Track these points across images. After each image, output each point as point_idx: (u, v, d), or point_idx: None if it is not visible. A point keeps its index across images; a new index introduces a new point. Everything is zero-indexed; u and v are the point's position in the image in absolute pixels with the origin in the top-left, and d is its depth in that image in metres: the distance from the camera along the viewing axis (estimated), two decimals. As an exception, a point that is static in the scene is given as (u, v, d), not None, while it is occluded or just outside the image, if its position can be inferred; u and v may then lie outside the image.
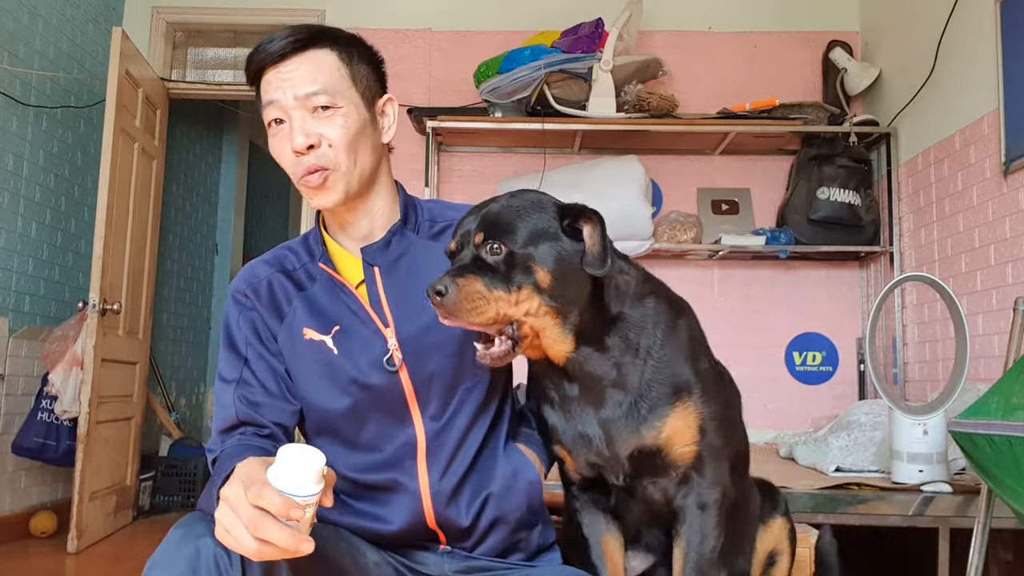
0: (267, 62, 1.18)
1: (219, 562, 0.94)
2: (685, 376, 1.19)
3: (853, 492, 2.26)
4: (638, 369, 1.17)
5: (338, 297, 1.23)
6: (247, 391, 1.19)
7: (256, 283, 1.25)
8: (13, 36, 3.49)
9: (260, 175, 6.56)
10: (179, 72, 4.50)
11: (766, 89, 3.90)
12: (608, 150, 3.98)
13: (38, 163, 3.69)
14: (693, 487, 1.19)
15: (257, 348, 1.22)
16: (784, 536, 1.40)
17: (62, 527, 3.50)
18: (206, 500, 1.03)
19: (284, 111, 1.17)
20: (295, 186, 1.21)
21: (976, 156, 2.99)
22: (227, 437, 1.18)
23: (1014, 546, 2.45)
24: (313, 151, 1.17)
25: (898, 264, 3.58)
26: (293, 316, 1.22)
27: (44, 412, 3.42)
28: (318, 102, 1.17)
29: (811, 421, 3.69)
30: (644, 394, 1.17)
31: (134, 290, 3.84)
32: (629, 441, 1.17)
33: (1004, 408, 1.67)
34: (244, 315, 1.23)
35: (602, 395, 1.18)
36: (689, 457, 1.18)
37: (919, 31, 3.42)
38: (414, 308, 1.20)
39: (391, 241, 1.24)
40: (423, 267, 1.23)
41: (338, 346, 1.20)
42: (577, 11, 3.86)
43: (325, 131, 1.17)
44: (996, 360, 2.77)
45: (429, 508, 1.20)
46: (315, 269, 1.25)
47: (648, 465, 1.19)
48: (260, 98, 1.21)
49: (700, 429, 1.18)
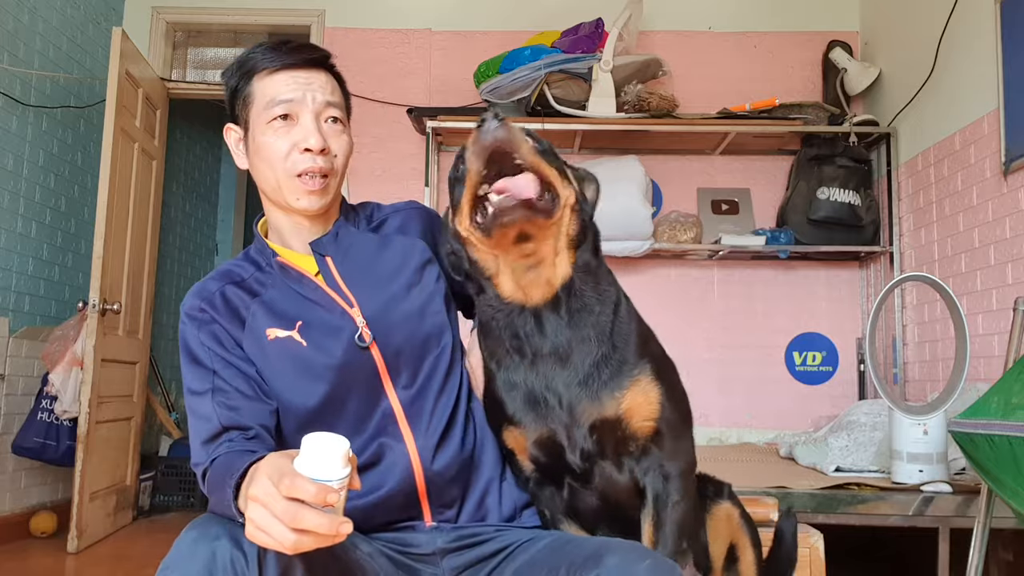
0: (284, 65, 1.24)
1: (235, 564, 0.94)
2: (643, 352, 1.19)
3: (853, 492, 2.26)
4: (607, 329, 1.17)
5: (295, 294, 1.25)
6: (224, 397, 1.19)
7: (210, 296, 1.26)
8: (13, 36, 3.49)
9: (260, 175, 6.56)
10: (179, 72, 4.50)
11: (766, 89, 3.91)
12: (608, 150, 3.98)
13: (38, 163, 3.69)
14: (655, 460, 1.17)
15: (224, 357, 1.22)
16: (738, 525, 1.34)
17: (62, 527, 3.50)
18: (219, 505, 1.02)
19: (297, 111, 1.23)
20: (279, 183, 1.24)
21: (976, 156, 2.99)
22: (212, 446, 1.17)
23: (1014, 546, 2.45)
24: (323, 155, 1.23)
25: (898, 264, 3.58)
26: (253, 321, 1.24)
27: (44, 412, 3.42)
28: (334, 113, 1.26)
29: (811, 421, 3.70)
30: (607, 358, 1.16)
31: (134, 290, 3.84)
32: (589, 410, 1.16)
33: (1004, 408, 1.67)
34: (203, 329, 1.24)
35: (570, 351, 1.16)
36: (648, 431, 1.16)
37: (919, 31, 3.42)
38: (373, 287, 1.26)
39: (339, 233, 1.30)
40: (370, 254, 1.30)
41: (305, 338, 1.22)
42: (577, 11, 3.86)
43: (333, 141, 1.25)
44: (996, 360, 2.77)
45: (417, 463, 1.22)
46: (264, 276, 1.28)
47: (609, 438, 1.17)
48: (253, 95, 1.25)
49: (660, 405, 1.17)
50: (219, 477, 1.06)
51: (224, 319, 1.25)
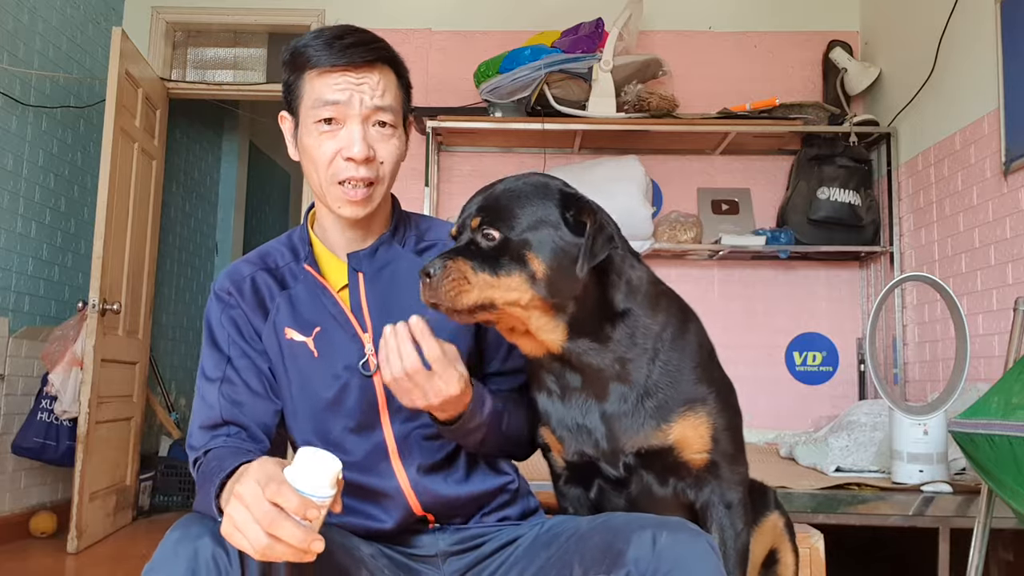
0: (337, 63, 1.17)
1: (218, 562, 0.94)
2: (696, 383, 1.17)
3: (853, 492, 2.26)
4: (644, 367, 1.16)
5: (319, 299, 1.23)
6: (231, 390, 1.20)
7: (239, 281, 1.25)
8: (13, 36, 3.49)
9: (260, 175, 6.56)
10: (179, 72, 4.50)
11: (766, 89, 3.90)
12: (608, 150, 3.97)
13: (38, 163, 3.69)
14: (716, 491, 1.18)
15: (240, 346, 1.22)
16: (781, 532, 1.37)
17: (62, 527, 3.50)
18: (203, 501, 1.02)
19: (344, 115, 1.18)
20: (323, 187, 1.20)
21: (976, 156, 2.99)
22: (209, 434, 1.18)
23: (1014, 546, 2.45)
24: (367, 164, 1.18)
25: (898, 264, 3.58)
26: (277, 315, 1.23)
27: (44, 412, 3.42)
28: (383, 118, 1.19)
29: (811, 421, 3.69)
30: (650, 393, 1.15)
31: (134, 290, 3.84)
32: (633, 439, 1.16)
33: (1004, 408, 1.67)
34: (227, 313, 1.23)
35: (605, 388, 1.16)
36: (702, 463, 1.17)
37: (919, 31, 3.41)
38: (394, 316, 1.18)
39: (378, 250, 1.25)
40: (406, 279, 1.24)
41: (318, 348, 1.21)
42: (577, 11, 3.86)
43: (381, 148, 1.20)
44: (996, 360, 2.77)
45: (414, 502, 1.21)
46: (298, 269, 1.26)
47: (656, 461, 1.17)
48: (305, 90, 1.19)
49: (713, 438, 1.17)
50: (208, 473, 1.06)
51: (249, 307, 1.23)
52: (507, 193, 1.13)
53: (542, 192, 1.13)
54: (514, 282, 1.08)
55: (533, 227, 1.10)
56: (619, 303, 1.16)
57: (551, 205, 1.12)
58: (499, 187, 1.15)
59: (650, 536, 1.01)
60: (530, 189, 1.14)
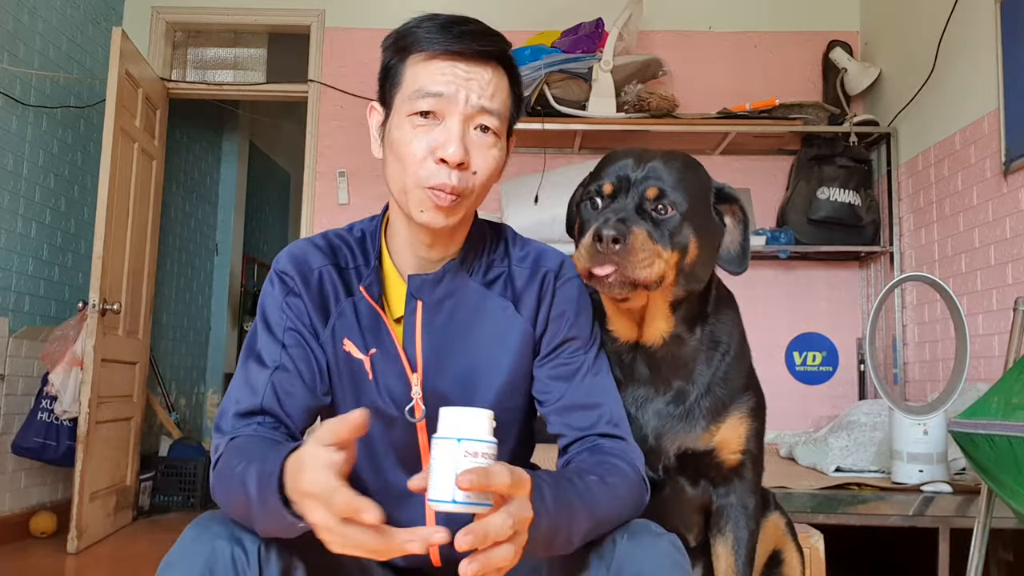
0: (448, 51, 1.03)
1: (236, 562, 0.93)
2: (747, 387, 1.22)
3: (853, 492, 2.26)
4: (711, 367, 1.19)
5: (377, 319, 1.13)
6: (284, 378, 1.09)
7: (307, 272, 1.13)
8: (13, 36, 3.49)
9: (260, 175, 6.56)
10: (179, 72, 4.50)
11: (766, 89, 3.90)
12: (608, 150, 3.96)
13: (38, 163, 3.69)
14: (738, 492, 1.22)
15: (296, 334, 1.11)
16: (784, 532, 1.40)
17: (62, 527, 3.50)
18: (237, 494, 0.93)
19: (445, 110, 1.04)
20: (406, 190, 1.06)
21: (976, 156, 2.99)
22: (242, 423, 1.07)
23: (1014, 546, 2.45)
24: (460, 170, 1.04)
25: (898, 264, 3.58)
26: (337, 319, 1.13)
27: (44, 412, 3.42)
28: (487, 122, 1.05)
29: (811, 421, 3.69)
30: (708, 393, 1.18)
31: (134, 290, 3.84)
32: (679, 439, 1.18)
33: (1004, 408, 1.67)
34: (288, 299, 1.13)
35: (670, 384, 1.18)
36: (735, 463, 1.21)
37: (919, 31, 3.42)
38: (445, 359, 1.11)
39: (443, 277, 1.12)
40: (466, 315, 1.13)
41: (373, 370, 1.12)
42: (577, 11, 3.86)
43: (477, 156, 1.05)
44: (996, 360, 2.77)
45: (435, 552, 1.15)
46: (368, 271, 1.15)
47: (694, 464, 1.20)
48: (406, 76, 1.06)
49: (747, 438, 1.21)
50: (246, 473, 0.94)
51: (311, 304, 1.13)
52: (675, 168, 1.11)
53: (703, 177, 1.15)
54: (673, 261, 1.08)
55: (697, 211, 1.11)
56: (711, 303, 1.19)
57: (708, 192, 1.14)
58: (661, 160, 1.12)
59: (610, 540, 0.99)
60: (692, 170, 1.14)
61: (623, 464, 1.06)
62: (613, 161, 1.15)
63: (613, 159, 1.15)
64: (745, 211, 1.15)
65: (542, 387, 1.15)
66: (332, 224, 1.43)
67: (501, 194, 3.72)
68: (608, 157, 1.18)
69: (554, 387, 1.13)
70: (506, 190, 3.69)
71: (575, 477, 0.98)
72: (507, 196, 3.67)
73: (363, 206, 3.86)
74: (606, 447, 1.09)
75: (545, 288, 1.15)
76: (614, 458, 1.07)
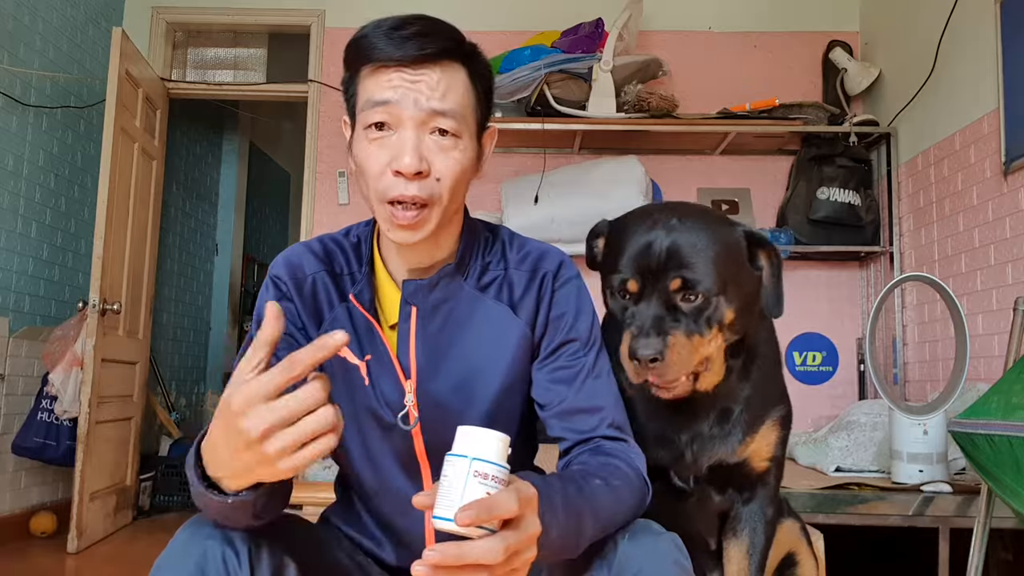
0: (392, 56, 1.00)
1: (227, 562, 0.93)
2: (781, 395, 1.23)
3: (853, 492, 2.26)
4: (750, 381, 1.20)
5: (371, 326, 1.12)
6: None
7: (300, 279, 1.13)
8: (13, 36, 3.49)
9: (260, 175, 6.56)
10: (179, 72, 4.50)
11: (766, 89, 3.90)
12: (608, 150, 3.97)
13: (38, 163, 3.69)
14: (759, 501, 1.23)
15: (289, 337, 1.09)
16: (798, 537, 1.41)
17: (62, 527, 3.50)
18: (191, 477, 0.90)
19: (397, 119, 1.00)
20: (374, 204, 1.04)
21: (976, 156, 2.99)
22: None
23: (1014, 546, 2.45)
24: (419, 179, 1.00)
25: (898, 264, 3.58)
26: (331, 325, 1.11)
27: (44, 412, 3.42)
28: (443, 124, 1.01)
29: (811, 421, 3.69)
30: (748, 407, 1.20)
31: (134, 290, 3.84)
32: (716, 452, 1.19)
33: (1004, 408, 1.67)
34: (281, 303, 1.08)
35: (709, 411, 1.19)
36: (763, 469, 1.22)
37: (919, 31, 3.42)
38: (440, 365, 1.10)
39: (438, 283, 1.10)
40: (461, 320, 1.11)
41: (370, 375, 1.10)
42: (577, 11, 3.86)
43: (438, 161, 1.01)
44: (996, 360, 2.77)
45: None
46: (360, 277, 1.14)
47: (725, 474, 1.21)
48: (359, 89, 1.04)
49: (776, 445, 1.22)
50: None
51: (304, 310, 1.12)
52: (697, 243, 1.07)
53: (728, 235, 1.10)
54: (712, 336, 1.09)
55: (726, 279, 1.07)
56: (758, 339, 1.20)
57: (739, 247, 1.11)
58: (684, 235, 1.07)
59: (611, 540, 0.98)
60: (717, 233, 1.09)
61: (625, 466, 1.06)
62: (630, 237, 1.10)
63: (629, 235, 1.11)
64: (776, 254, 1.11)
65: (542, 391, 1.13)
66: (332, 224, 1.42)
67: (501, 194, 3.72)
68: (623, 229, 1.13)
69: (554, 391, 1.12)
70: (506, 190, 3.69)
71: (581, 482, 0.97)
72: (507, 196, 3.67)
73: (363, 206, 3.82)
74: (607, 448, 1.09)
75: (544, 290, 1.13)
76: (616, 460, 1.06)
